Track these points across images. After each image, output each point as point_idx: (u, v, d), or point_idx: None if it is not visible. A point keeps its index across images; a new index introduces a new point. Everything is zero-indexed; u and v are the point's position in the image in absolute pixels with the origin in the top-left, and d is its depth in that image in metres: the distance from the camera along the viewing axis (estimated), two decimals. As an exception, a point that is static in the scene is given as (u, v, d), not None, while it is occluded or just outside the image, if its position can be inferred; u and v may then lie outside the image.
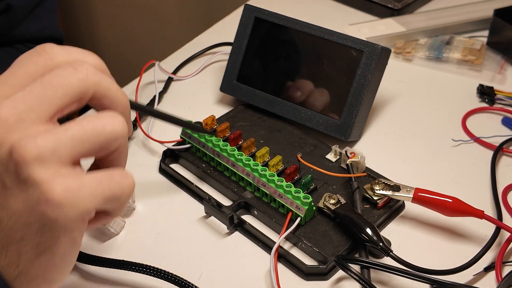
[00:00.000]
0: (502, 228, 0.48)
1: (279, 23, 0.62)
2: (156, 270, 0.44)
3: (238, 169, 0.53)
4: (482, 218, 0.48)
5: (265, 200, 0.52)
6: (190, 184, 0.55)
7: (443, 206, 0.49)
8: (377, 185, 0.51)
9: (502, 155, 0.59)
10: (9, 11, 0.74)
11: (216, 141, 0.54)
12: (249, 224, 0.50)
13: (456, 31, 0.78)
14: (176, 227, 0.52)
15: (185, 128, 0.56)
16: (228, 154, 0.53)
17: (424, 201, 0.49)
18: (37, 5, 0.79)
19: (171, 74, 0.70)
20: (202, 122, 0.58)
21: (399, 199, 0.51)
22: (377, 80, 0.59)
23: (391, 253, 0.45)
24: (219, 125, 0.58)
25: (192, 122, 0.54)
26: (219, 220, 0.51)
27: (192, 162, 0.56)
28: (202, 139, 0.55)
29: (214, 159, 0.55)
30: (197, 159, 0.57)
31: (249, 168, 0.52)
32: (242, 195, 0.52)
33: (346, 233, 0.48)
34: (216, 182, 0.55)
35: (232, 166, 0.53)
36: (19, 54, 0.35)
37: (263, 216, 0.51)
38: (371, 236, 0.46)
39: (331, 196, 0.50)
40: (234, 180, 0.54)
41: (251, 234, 0.50)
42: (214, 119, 0.59)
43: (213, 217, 0.51)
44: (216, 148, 0.54)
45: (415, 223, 0.52)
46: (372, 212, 0.51)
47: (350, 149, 0.54)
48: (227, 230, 0.51)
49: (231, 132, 0.58)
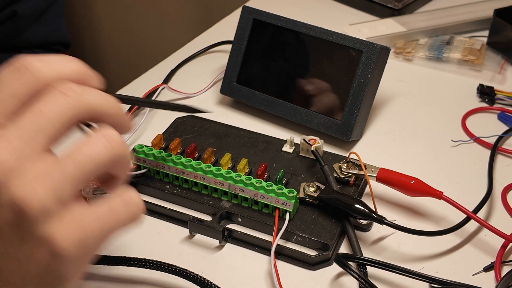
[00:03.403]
0: (458, 209, 0.48)
1: (278, 25, 0.62)
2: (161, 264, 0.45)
3: (210, 182, 0.51)
4: (441, 199, 0.49)
5: (246, 205, 0.51)
6: (162, 209, 0.52)
7: (405, 185, 0.50)
8: (344, 164, 0.53)
9: (502, 155, 0.59)
10: (15, 17, 0.75)
11: (177, 158, 0.52)
12: (240, 232, 0.49)
13: (456, 31, 0.78)
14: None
15: (185, 111, 0.52)
16: (194, 169, 0.51)
17: (387, 180, 0.50)
18: (43, 11, 0.79)
19: (181, 92, 0.68)
20: (151, 143, 0.55)
21: (364, 176, 0.52)
22: (377, 80, 0.60)
23: (385, 221, 0.46)
24: (170, 142, 0.56)
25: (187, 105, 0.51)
26: (209, 236, 0.49)
27: (154, 186, 0.53)
28: (160, 160, 0.52)
29: (178, 178, 0.53)
30: (158, 181, 0.54)
31: (221, 177, 0.50)
32: (220, 206, 0.51)
33: (333, 216, 0.49)
34: (187, 200, 0.52)
35: (202, 180, 0.51)
36: None
37: (248, 221, 0.50)
38: (362, 210, 0.47)
39: (309, 184, 0.51)
40: (206, 193, 0.52)
41: (243, 241, 0.49)
42: (162, 138, 0.56)
43: (198, 235, 0.50)
44: (179, 166, 0.52)
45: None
46: (347, 190, 0.52)
47: (307, 136, 0.55)
48: (219, 244, 0.49)
49: (184, 147, 0.56)
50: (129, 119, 0.36)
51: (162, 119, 0.64)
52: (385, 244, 0.49)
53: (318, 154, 0.53)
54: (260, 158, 0.56)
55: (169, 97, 0.68)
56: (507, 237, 0.47)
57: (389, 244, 0.49)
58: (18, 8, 0.74)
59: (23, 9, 0.75)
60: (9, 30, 0.76)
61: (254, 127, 0.62)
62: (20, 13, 0.74)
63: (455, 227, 0.48)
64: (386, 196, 0.54)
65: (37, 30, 0.79)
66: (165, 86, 0.68)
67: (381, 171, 0.51)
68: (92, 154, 0.31)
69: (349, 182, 0.53)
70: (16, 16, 0.74)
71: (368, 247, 0.49)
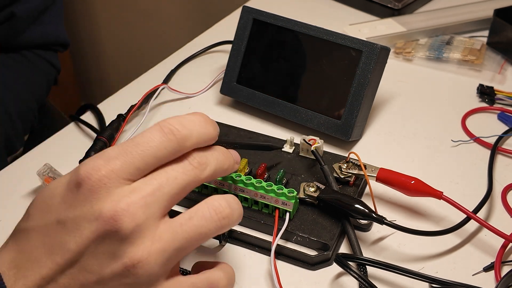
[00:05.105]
0: (458, 209, 0.48)
1: (278, 25, 0.62)
2: None
3: (210, 182, 0.51)
4: (441, 199, 0.49)
5: (246, 205, 0.51)
6: None
7: (405, 185, 0.50)
8: (344, 164, 0.52)
9: (502, 155, 0.59)
10: (12, 19, 0.74)
11: None
12: (240, 232, 0.49)
13: (456, 31, 0.78)
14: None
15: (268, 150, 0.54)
16: None
17: (387, 180, 0.50)
18: (41, 13, 0.79)
19: (181, 93, 0.68)
20: None
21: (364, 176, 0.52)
22: (377, 80, 0.60)
23: (385, 221, 0.46)
24: None
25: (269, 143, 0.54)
26: None
27: None
28: None
29: None
30: None
31: (221, 177, 0.50)
32: None
33: (333, 216, 0.49)
34: (187, 200, 0.50)
35: None
36: (26, 61, 0.36)
37: (248, 221, 0.50)
38: (362, 210, 0.47)
39: (309, 184, 0.51)
40: (205, 193, 0.52)
41: (243, 241, 0.49)
42: None
43: None
44: None
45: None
46: (347, 190, 0.52)
47: (307, 136, 0.55)
48: (219, 244, 0.49)
49: None
50: (238, 164, 0.42)
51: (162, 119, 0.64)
52: (385, 244, 0.49)
53: (318, 154, 0.53)
54: (260, 158, 0.56)
55: (169, 97, 0.68)
56: (507, 237, 0.47)
57: (389, 244, 0.49)
58: (16, 9, 0.74)
59: (21, 10, 0.75)
60: (7, 31, 0.76)
61: (254, 127, 0.62)
62: (18, 14, 0.74)
63: (455, 227, 0.48)
64: (386, 196, 0.54)
65: (35, 31, 0.79)
66: (165, 86, 0.68)
67: (381, 171, 0.51)
68: (200, 228, 0.35)
69: (349, 182, 0.53)
70: (14, 17, 0.74)
71: (368, 247, 0.49)
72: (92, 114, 0.67)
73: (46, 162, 0.54)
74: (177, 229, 0.35)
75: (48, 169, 0.53)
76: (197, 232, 0.35)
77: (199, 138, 0.37)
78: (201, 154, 0.37)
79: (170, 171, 0.35)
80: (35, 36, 0.79)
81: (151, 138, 0.35)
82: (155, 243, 0.34)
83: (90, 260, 0.33)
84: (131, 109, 0.64)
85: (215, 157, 0.38)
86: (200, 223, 0.35)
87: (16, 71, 0.79)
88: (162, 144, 0.35)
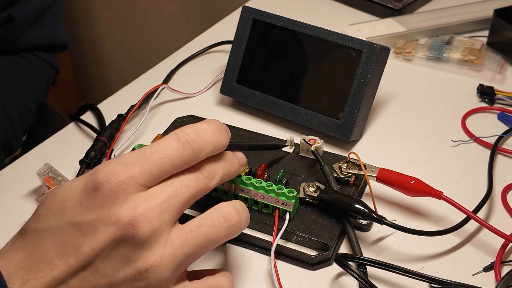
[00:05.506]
0: (458, 209, 0.48)
1: (278, 25, 0.62)
2: None
3: None
4: (441, 199, 0.49)
5: (246, 205, 0.51)
6: None
7: (405, 185, 0.50)
8: (344, 164, 0.52)
9: (502, 155, 0.59)
10: (11, 21, 0.74)
11: None
12: None
13: (456, 31, 0.78)
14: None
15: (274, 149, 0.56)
16: None
17: (387, 180, 0.50)
18: (40, 15, 0.79)
19: (181, 93, 0.68)
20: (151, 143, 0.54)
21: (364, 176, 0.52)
22: (377, 79, 0.60)
23: (385, 221, 0.46)
24: None
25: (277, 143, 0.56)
26: None
27: None
28: None
29: None
30: None
31: None
32: None
33: (333, 216, 0.49)
34: None
35: None
36: (25, 62, 0.36)
37: None
38: (362, 210, 0.47)
39: (309, 184, 0.51)
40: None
41: (243, 241, 0.49)
42: (161, 137, 0.56)
43: None
44: None
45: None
46: (347, 190, 0.52)
47: (307, 136, 0.55)
48: None
49: None
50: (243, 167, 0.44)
51: (162, 119, 0.64)
52: (385, 244, 0.49)
53: (318, 154, 0.53)
54: (260, 158, 0.56)
55: (169, 97, 0.68)
56: (507, 237, 0.47)
57: (389, 244, 0.49)
58: (14, 12, 0.74)
59: (19, 13, 0.75)
60: (6, 34, 0.76)
61: (254, 127, 0.62)
62: (16, 17, 0.74)
63: (455, 227, 0.48)
64: (386, 196, 0.54)
65: (35, 33, 0.79)
66: (165, 86, 0.68)
67: (381, 171, 0.51)
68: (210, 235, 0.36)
69: (349, 182, 0.53)
70: (12, 20, 0.74)
71: (368, 247, 0.49)
72: (92, 114, 0.67)
73: (46, 162, 0.54)
74: (188, 236, 0.35)
75: (48, 169, 0.53)
76: (207, 239, 0.36)
77: (213, 148, 0.38)
78: (211, 164, 0.39)
79: (184, 180, 0.36)
80: (34, 39, 0.79)
81: (168, 146, 0.36)
82: (167, 248, 0.34)
83: (103, 263, 0.34)
84: (131, 109, 0.64)
85: (222, 166, 0.40)
86: (209, 230, 0.36)
87: (16, 72, 0.79)
88: (178, 153, 0.36)
